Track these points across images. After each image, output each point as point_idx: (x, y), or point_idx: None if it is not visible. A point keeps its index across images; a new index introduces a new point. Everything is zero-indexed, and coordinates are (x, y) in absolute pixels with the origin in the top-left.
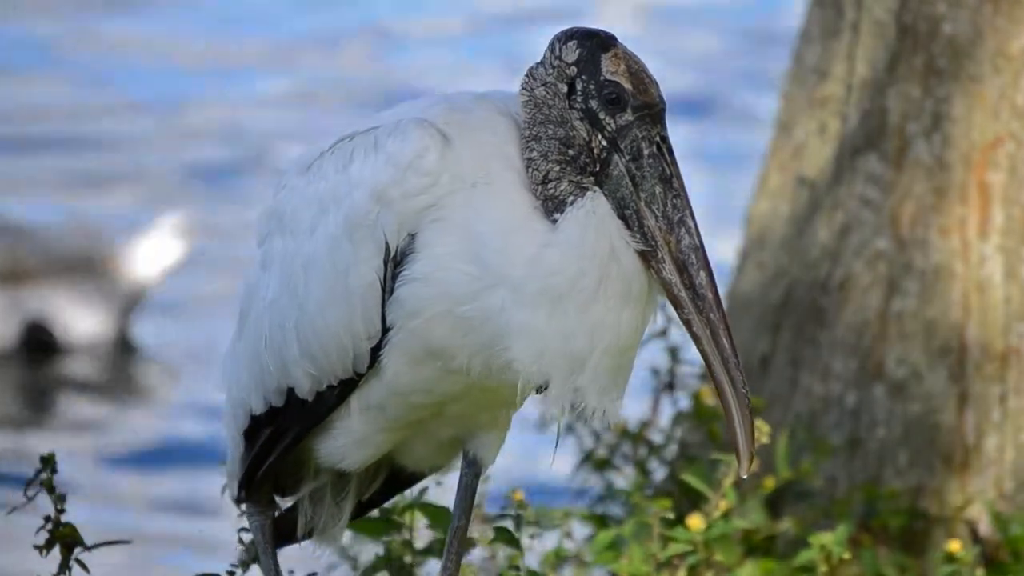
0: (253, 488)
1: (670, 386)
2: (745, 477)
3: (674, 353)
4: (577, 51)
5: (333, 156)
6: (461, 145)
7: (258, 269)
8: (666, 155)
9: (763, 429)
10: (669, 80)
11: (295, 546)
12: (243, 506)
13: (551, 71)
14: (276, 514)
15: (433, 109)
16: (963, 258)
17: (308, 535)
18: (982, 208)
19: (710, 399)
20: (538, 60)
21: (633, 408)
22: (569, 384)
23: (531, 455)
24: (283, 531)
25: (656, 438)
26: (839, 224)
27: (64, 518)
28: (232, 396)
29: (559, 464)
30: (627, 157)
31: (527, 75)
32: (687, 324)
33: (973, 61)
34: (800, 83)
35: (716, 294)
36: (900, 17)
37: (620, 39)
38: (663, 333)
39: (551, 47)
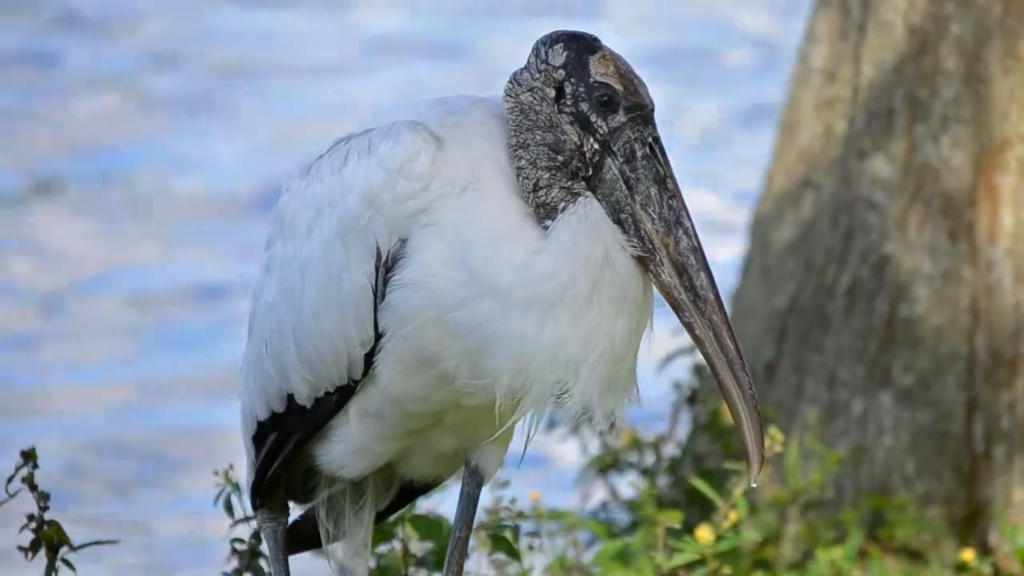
0: (264, 494)
1: (691, 400)
2: (755, 482)
3: (700, 371)
4: (564, 54)
5: (330, 158)
6: (454, 149)
7: (262, 273)
8: (659, 156)
9: (776, 438)
10: None
11: (295, 555)
12: (256, 512)
13: (537, 76)
14: (289, 521)
15: (429, 112)
16: (972, 263)
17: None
18: (991, 212)
19: (728, 416)
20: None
21: (649, 420)
22: (556, 390)
23: (533, 459)
24: (305, 536)
25: (670, 451)
26: (845, 228)
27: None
28: (242, 400)
29: (563, 469)
30: (620, 160)
31: (511, 81)
32: (689, 328)
33: (982, 62)
34: (806, 84)
35: (717, 295)
36: (907, 17)
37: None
38: (693, 350)
39: (535, 51)
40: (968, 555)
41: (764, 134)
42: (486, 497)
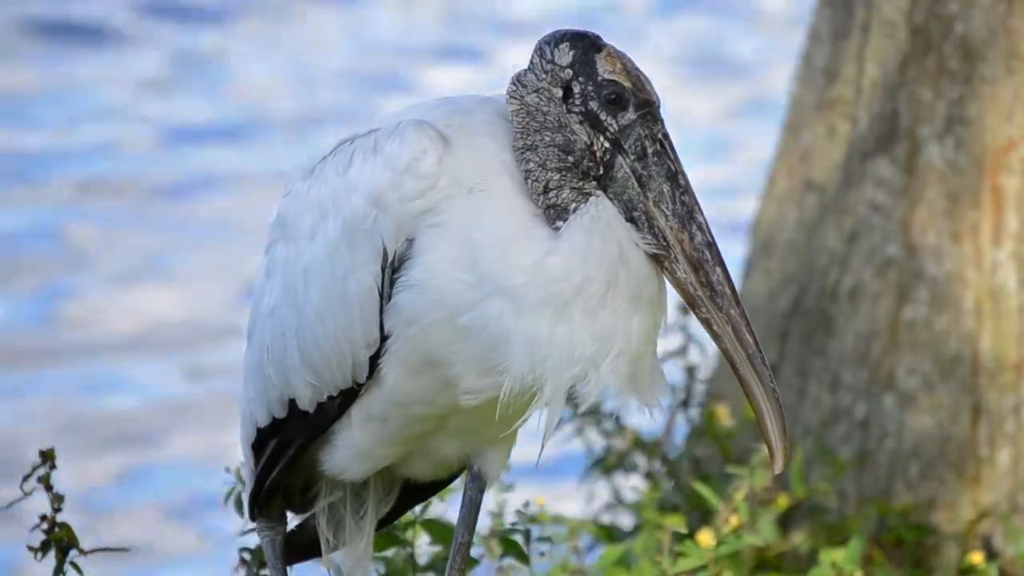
0: (263, 503)
1: (685, 403)
2: (778, 473)
3: (691, 372)
4: (571, 53)
5: (334, 159)
6: (461, 148)
7: (263, 277)
8: (669, 152)
9: None
10: None
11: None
12: (255, 521)
13: (543, 76)
14: (287, 530)
15: (435, 111)
16: (976, 265)
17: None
18: (995, 213)
19: (725, 418)
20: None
21: (646, 423)
22: (570, 389)
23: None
24: (304, 546)
25: (668, 453)
26: (848, 230)
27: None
28: (241, 408)
29: (567, 471)
30: (632, 157)
31: (514, 83)
32: (706, 323)
33: (986, 62)
34: (808, 85)
35: (734, 290)
36: (911, 17)
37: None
38: (682, 352)
39: (539, 52)
40: (977, 558)
41: None
42: (491, 501)
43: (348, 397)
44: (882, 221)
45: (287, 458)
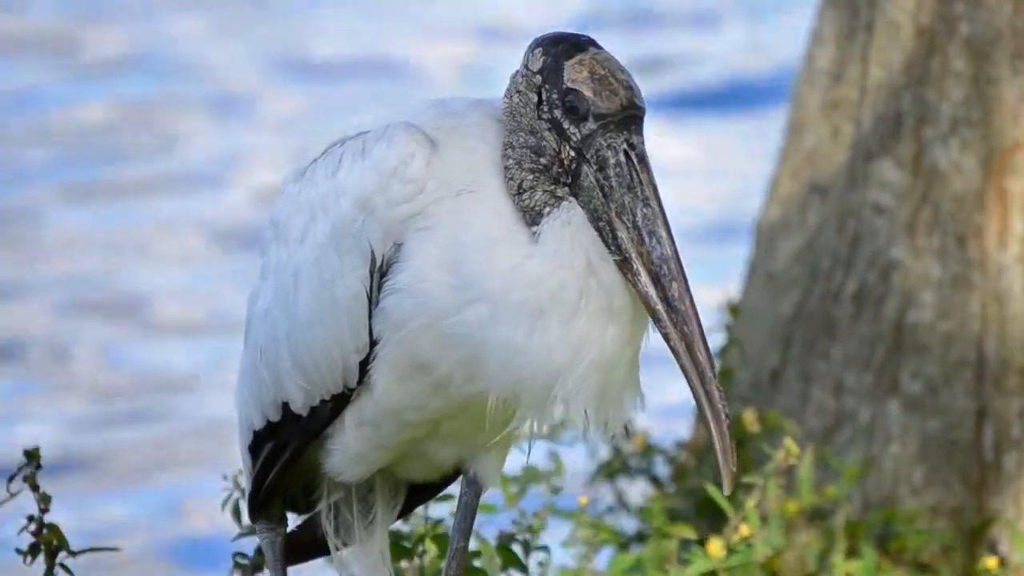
0: (261, 504)
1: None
2: (728, 495)
3: (727, 375)
4: (542, 59)
5: (324, 162)
6: (449, 151)
7: (257, 279)
8: (635, 163)
9: (793, 451)
10: None
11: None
12: (255, 523)
13: (522, 80)
14: (289, 530)
15: (425, 113)
16: (981, 268)
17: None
18: (1001, 216)
19: (752, 424)
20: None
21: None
22: (548, 399)
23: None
24: (306, 547)
25: (683, 458)
26: (852, 233)
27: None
28: (239, 411)
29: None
30: (595, 167)
31: (510, 81)
32: (666, 338)
33: (992, 63)
34: (812, 86)
35: (691, 304)
36: (916, 17)
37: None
38: (721, 354)
39: (525, 55)
40: (982, 564)
41: None
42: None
43: (340, 402)
44: (886, 224)
45: (283, 461)
